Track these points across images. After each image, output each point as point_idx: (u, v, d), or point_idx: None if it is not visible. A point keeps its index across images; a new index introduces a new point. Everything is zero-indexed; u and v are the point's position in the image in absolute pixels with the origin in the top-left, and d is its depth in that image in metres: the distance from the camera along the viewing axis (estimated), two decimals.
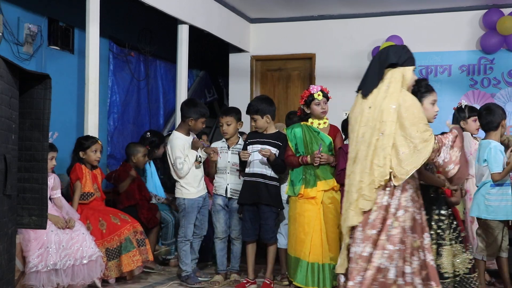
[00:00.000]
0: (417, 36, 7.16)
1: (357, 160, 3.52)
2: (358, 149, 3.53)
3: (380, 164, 3.41)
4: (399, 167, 3.40)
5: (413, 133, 3.39)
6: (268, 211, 4.82)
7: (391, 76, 3.53)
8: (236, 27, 7.55)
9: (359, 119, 3.56)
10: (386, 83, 3.52)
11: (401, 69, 3.54)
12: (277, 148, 4.86)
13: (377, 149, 3.43)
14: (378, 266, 3.36)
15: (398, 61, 3.53)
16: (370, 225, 3.41)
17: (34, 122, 3.30)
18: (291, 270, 4.70)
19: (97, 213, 4.83)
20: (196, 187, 5.00)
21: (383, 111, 3.44)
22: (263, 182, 4.83)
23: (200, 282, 4.98)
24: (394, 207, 3.41)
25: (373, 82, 3.56)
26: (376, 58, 3.65)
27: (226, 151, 5.14)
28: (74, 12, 5.74)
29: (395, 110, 3.43)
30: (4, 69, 2.71)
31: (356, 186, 3.47)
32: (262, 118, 4.88)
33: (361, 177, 3.46)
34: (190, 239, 5.01)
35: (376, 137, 3.45)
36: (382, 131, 3.43)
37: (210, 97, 8.92)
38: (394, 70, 3.53)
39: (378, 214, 3.41)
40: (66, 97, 5.89)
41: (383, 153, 3.41)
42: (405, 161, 3.39)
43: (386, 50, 3.61)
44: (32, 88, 3.08)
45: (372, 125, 3.48)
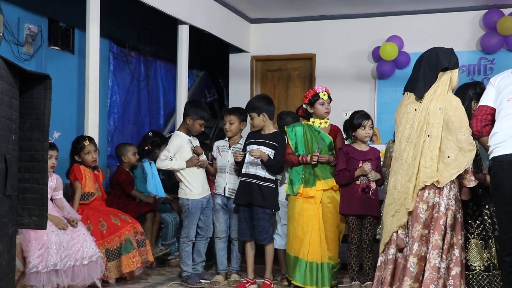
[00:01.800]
0: (417, 36, 7.16)
1: (402, 160, 3.66)
2: (403, 150, 3.67)
3: (426, 165, 3.56)
4: (445, 171, 3.55)
5: (460, 135, 3.53)
6: (261, 213, 4.80)
7: (440, 79, 3.67)
8: (236, 27, 7.55)
9: (404, 120, 3.71)
10: (434, 86, 3.66)
11: (449, 72, 3.67)
12: (272, 148, 4.83)
13: (425, 150, 3.57)
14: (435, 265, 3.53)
15: (449, 65, 3.67)
16: (423, 224, 3.56)
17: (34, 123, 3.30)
18: (290, 269, 4.71)
19: (98, 213, 4.83)
20: (199, 188, 4.99)
21: (429, 113, 3.59)
22: (256, 183, 4.81)
23: (201, 283, 4.97)
24: (444, 207, 3.55)
25: (426, 86, 3.68)
26: (424, 61, 3.76)
27: (227, 150, 5.14)
28: (74, 12, 5.74)
29: (441, 112, 3.57)
30: (5, 69, 2.71)
31: (404, 186, 3.61)
32: (258, 116, 4.87)
33: (409, 178, 3.59)
34: (192, 239, 5.00)
35: (423, 139, 3.59)
36: (429, 133, 3.59)
37: (210, 97, 8.92)
38: (444, 74, 3.67)
39: (429, 213, 3.57)
40: (66, 97, 5.89)
41: (430, 154, 3.56)
42: (450, 165, 3.54)
43: (435, 53, 3.73)
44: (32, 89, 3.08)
45: (419, 127, 3.61)
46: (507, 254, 3.43)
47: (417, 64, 3.83)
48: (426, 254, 3.57)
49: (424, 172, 3.56)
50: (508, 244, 3.41)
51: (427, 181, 3.56)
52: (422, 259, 3.56)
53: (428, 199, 3.59)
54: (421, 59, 3.81)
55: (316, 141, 4.73)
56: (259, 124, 4.90)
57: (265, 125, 4.90)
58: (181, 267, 5.05)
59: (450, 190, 3.59)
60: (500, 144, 3.37)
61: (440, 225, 3.55)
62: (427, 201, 3.59)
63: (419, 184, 3.57)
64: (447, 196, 3.58)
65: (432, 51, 3.78)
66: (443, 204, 3.58)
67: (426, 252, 3.57)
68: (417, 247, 3.57)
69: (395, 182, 3.70)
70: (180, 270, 5.13)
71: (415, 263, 3.56)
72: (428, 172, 3.56)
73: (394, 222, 3.68)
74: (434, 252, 3.54)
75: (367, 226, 4.64)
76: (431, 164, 3.55)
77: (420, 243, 3.57)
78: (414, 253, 3.56)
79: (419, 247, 3.57)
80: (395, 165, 3.74)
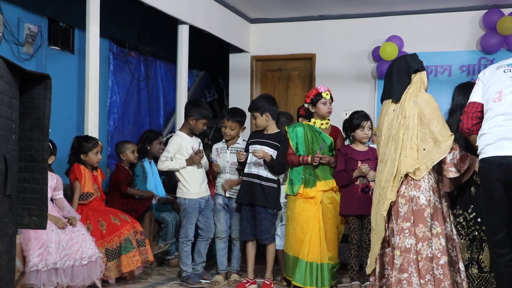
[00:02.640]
0: (417, 36, 7.16)
1: (386, 159, 3.78)
2: (388, 148, 3.80)
3: (406, 154, 3.70)
4: (422, 163, 3.67)
5: (433, 127, 3.68)
6: (263, 212, 4.81)
7: (412, 81, 3.88)
8: (236, 27, 7.54)
9: (385, 122, 3.88)
10: (408, 87, 3.86)
11: (419, 74, 3.91)
12: (274, 149, 4.84)
13: (404, 142, 3.73)
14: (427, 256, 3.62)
15: (418, 67, 3.91)
16: (402, 218, 3.68)
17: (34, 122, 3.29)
18: (290, 270, 4.71)
19: (97, 213, 4.83)
20: (196, 188, 4.99)
21: (405, 108, 3.77)
22: (258, 183, 4.81)
23: (201, 282, 4.97)
24: (425, 199, 3.67)
25: (402, 89, 3.88)
26: (396, 68, 3.96)
27: (225, 151, 5.14)
28: (74, 12, 5.74)
29: (414, 104, 3.75)
30: (4, 69, 2.71)
31: (387, 181, 3.73)
32: (261, 116, 4.87)
33: (391, 170, 3.72)
34: (191, 239, 5.00)
35: (402, 131, 3.74)
36: (406, 125, 3.74)
37: (210, 97, 8.92)
38: (415, 76, 3.89)
39: (408, 207, 3.68)
40: (67, 97, 5.89)
41: (409, 144, 3.72)
42: (426, 157, 3.67)
43: (404, 59, 3.98)
44: (32, 89, 3.07)
45: (397, 123, 3.77)
46: (499, 255, 3.43)
47: (388, 73, 4.04)
48: (411, 246, 3.65)
49: (404, 161, 3.69)
50: (500, 245, 3.41)
51: (409, 169, 3.67)
52: (407, 250, 3.65)
53: (405, 193, 3.71)
54: (392, 67, 4.02)
55: (316, 141, 4.73)
56: (262, 124, 4.90)
57: (268, 125, 4.90)
58: (181, 267, 5.05)
59: (429, 181, 3.70)
60: (489, 145, 3.35)
61: (425, 217, 3.66)
62: (404, 195, 3.71)
63: (401, 172, 3.68)
64: (425, 188, 3.69)
65: (400, 58, 4.04)
66: (423, 197, 3.68)
67: (411, 244, 3.65)
68: (399, 239, 3.68)
69: (380, 181, 3.82)
70: (180, 270, 5.13)
71: (398, 255, 3.68)
72: (408, 161, 3.68)
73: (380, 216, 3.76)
74: (424, 243, 3.64)
75: (367, 226, 4.63)
76: (411, 153, 3.69)
77: (401, 236, 3.68)
78: (396, 246, 3.69)
79: (400, 239, 3.68)
80: (380, 166, 3.87)
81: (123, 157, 5.67)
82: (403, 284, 3.62)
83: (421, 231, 3.66)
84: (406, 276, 3.62)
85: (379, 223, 3.78)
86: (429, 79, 7.03)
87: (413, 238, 3.65)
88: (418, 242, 3.65)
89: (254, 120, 4.95)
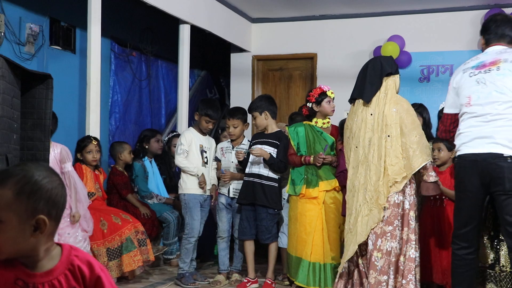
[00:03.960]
0: (419, 36, 7.16)
1: (368, 162, 3.90)
2: (368, 153, 3.91)
3: (392, 163, 3.82)
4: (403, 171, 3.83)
5: (412, 137, 3.82)
6: (264, 212, 4.81)
7: (386, 84, 3.96)
8: (238, 27, 7.55)
9: (363, 126, 3.94)
10: (383, 90, 3.94)
11: (393, 77, 3.95)
12: (275, 147, 4.85)
13: (387, 150, 3.84)
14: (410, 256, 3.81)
15: (392, 70, 3.98)
16: (385, 221, 3.82)
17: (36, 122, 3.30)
18: (292, 270, 4.70)
19: (98, 213, 4.83)
20: (196, 184, 4.99)
21: (386, 115, 3.85)
22: (259, 182, 4.82)
23: (195, 283, 4.96)
24: (408, 204, 3.85)
25: (373, 91, 3.96)
26: (370, 69, 4.04)
27: (231, 151, 5.15)
28: (76, 12, 5.74)
29: (396, 112, 3.84)
30: (6, 69, 2.72)
31: (374, 185, 3.85)
32: (260, 115, 4.89)
33: (378, 177, 3.83)
34: (194, 236, 4.97)
35: (384, 139, 3.85)
36: (388, 133, 3.84)
37: (212, 97, 8.92)
38: (388, 79, 3.97)
39: (391, 211, 3.82)
40: (68, 97, 5.89)
41: (394, 153, 3.83)
42: (405, 166, 3.81)
43: (379, 61, 4.04)
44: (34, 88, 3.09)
45: (379, 129, 3.86)
46: (458, 248, 3.64)
47: (361, 73, 4.10)
48: (392, 249, 3.82)
49: (391, 169, 3.82)
50: (462, 238, 3.61)
51: (396, 177, 3.82)
52: (388, 253, 3.82)
53: (389, 198, 3.84)
54: (366, 68, 4.08)
55: (318, 141, 4.73)
56: (262, 123, 4.91)
57: (268, 124, 4.91)
58: (179, 264, 5.04)
59: (411, 187, 3.88)
60: (464, 144, 3.53)
61: (408, 220, 3.84)
62: (389, 200, 3.84)
63: (390, 181, 3.82)
64: (409, 194, 3.87)
65: (376, 60, 4.10)
66: (407, 201, 3.86)
67: (391, 247, 3.82)
68: (380, 242, 3.83)
69: (365, 184, 3.92)
70: (175, 270, 5.12)
71: (379, 257, 3.83)
72: (395, 169, 3.82)
73: (370, 220, 3.88)
74: (407, 245, 3.83)
75: None
76: (397, 162, 3.83)
77: (382, 239, 3.83)
78: (377, 248, 3.83)
79: (382, 242, 3.83)
80: (361, 168, 3.95)
81: (121, 157, 5.67)
82: (383, 285, 3.79)
83: (405, 234, 3.85)
84: (386, 279, 3.80)
85: (363, 226, 3.88)
86: (431, 78, 7.10)
87: (394, 242, 3.82)
88: (404, 244, 3.83)
89: (254, 120, 4.96)
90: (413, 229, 3.85)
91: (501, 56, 3.52)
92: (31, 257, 1.48)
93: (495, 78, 3.45)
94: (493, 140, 3.39)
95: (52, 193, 1.47)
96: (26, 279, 1.46)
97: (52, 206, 1.47)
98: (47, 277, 1.49)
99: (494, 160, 3.37)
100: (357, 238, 3.88)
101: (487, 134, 3.42)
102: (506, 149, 3.36)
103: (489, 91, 3.46)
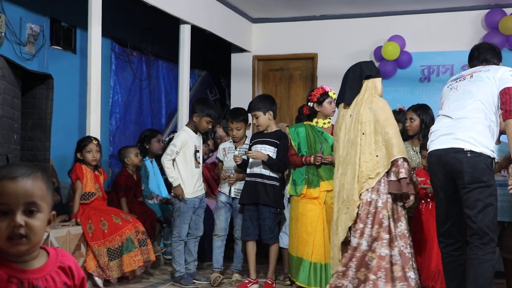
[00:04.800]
0: (419, 36, 7.16)
1: (347, 162, 4.04)
2: (348, 152, 4.06)
3: (366, 160, 3.96)
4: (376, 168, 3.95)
5: (385, 134, 3.94)
6: (267, 212, 4.82)
7: (366, 86, 4.13)
8: (238, 27, 7.55)
9: (343, 127, 4.13)
10: (362, 92, 4.12)
11: (373, 80, 4.14)
12: (274, 146, 4.86)
13: (362, 147, 3.98)
14: (380, 255, 3.88)
15: (371, 73, 4.16)
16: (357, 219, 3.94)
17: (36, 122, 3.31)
18: (293, 270, 4.70)
19: (99, 213, 4.83)
20: (191, 187, 4.99)
21: (361, 114, 4.01)
22: (261, 182, 4.83)
23: (194, 283, 4.96)
24: (381, 202, 3.94)
25: (353, 93, 4.14)
26: (350, 73, 4.26)
27: (233, 151, 5.16)
28: (76, 12, 5.75)
29: (370, 110, 4.00)
30: (7, 69, 2.72)
31: (350, 183, 3.99)
32: (264, 115, 4.89)
33: (354, 175, 3.97)
34: (184, 239, 5.01)
35: (359, 137, 4.00)
36: (363, 131, 3.99)
37: (212, 97, 8.93)
38: (368, 81, 4.14)
39: (364, 209, 3.94)
40: (68, 97, 5.89)
41: (368, 149, 3.97)
42: (379, 163, 3.94)
43: (359, 66, 4.24)
44: (35, 88, 3.09)
45: (355, 128, 4.02)
46: (444, 245, 3.74)
47: (344, 78, 4.31)
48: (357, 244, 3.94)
49: (365, 166, 3.95)
50: (446, 235, 3.71)
51: (370, 173, 3.93)
52: (352, 248, 3.94)
53: (362, 197, 3.95)
54: (347, 73, 4.30)
55: (319, 141, 4.73)
56: (265, 123, 4.91)
57: (269, 124, 4.92)
58: (174, 267, 5.05)
59: (384, 185, 3.95)
60: (432, 141, 3.74)
61: (380, 218, 3.92)
62: (361, 198, 3.95)
63: (363, 177, 3.94)
64: (381, 192, 3.95)
65: (356, 65, 4.29)
66: (380, 199, 3.94)
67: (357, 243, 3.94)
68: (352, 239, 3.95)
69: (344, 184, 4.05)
70: (172, 270, 5.12)
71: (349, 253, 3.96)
72: (369, 166, 3.94)
73: (348, 218, 3.98)
74: (378, 243, 3.90)
75: None
76: (371, 158, 3.95)
77: (354, 236, 3.95)
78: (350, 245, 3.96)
79: (354, 239, 3.95)
80: (341, 168, 4.10)
81: (127, 161, 5.67)
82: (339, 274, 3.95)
83: (376, 232, 3.92)
84: (343, 269, 3.95)
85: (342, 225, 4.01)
86: (431, 79, 7.10)
87: (361, 238, 3.93)
88: (374, 241, 3.91)
89: (255, 120, 4.94)
90: (386, 227, 3.90)
91: (477, 69, 3.81)
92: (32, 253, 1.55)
93: (465, 84, 3.72)
94: (456, 136, 3.58)
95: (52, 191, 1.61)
96: (20, 276, 1.52)
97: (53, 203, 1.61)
98: (40, 273, 1.55)
99: (454, 155, 3.54)
100: (339, 237, 4.04)
101: (451, 131, 3.61)
102: (467, 144, 3.52)
103: (458, 94, 3.72)
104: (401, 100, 6.53)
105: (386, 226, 3.91)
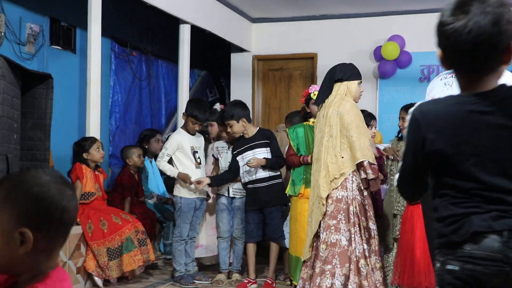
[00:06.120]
0: (419, 36, 7.15)
1: (319, 160, 4.16)
2: (319, 151, 4.19)
3: (332, 161, 4.09)
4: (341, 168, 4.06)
5: (349, 137, 4.04)
6: (275, 211, 4.88)
7: (338, 89, 4.17)
8: (238, 26, 7.55)
9: (318, 126, 4.26)
10: (333, 94, 4.18)
11: (346, 83, 4.16)
12: (265, 146, 4.88)
13: (329, 149, 4.10)
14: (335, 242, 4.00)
15: (343, 77, 4.17)
16: (328, 216, 4.04)
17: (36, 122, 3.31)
18: (292, 270, 4.71)
19: (99, 212, 4.83)
20: (193, 188, 4.98)
21: (329, 117, 4.11)
22: (262, 186, 4.86)
23: (194, 283, 4.96)
24: (350, 198, 4.04)
25: (325, 95, 4.22)
26: (326, 75, 4.30)
27: (227, 151, 5.15)
28: (76, 12, 5.74)
29: (337, 114, 4.09)
30: (7, 69, 2.72)
31: (320, 181, 4.10)
32: (238, 123, 4.88)
33: (323, 173, 4.10)
34: (185, 239, 5.01)
35: (326, 139, 4.12)
36: (330, 134, 4.11)
37: (212, 97, 8.92)
38: (340, 84, 4.17)
39: (335, 206, 4.05)
40: (68, 97, 5.89)
41: (333, 151, 4.09)
42: (344, 164, 4.05)
43: (335, 68, 4.27)
44: (34, 88, 3.09)
45: (325, 130, 4.13)
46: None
47: (324, 79, 4.36)
48: (336, 241, 4.01)
49: (332, 167, 4.07)
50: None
51: (336, 174, 4.06)
52: (332, 245, 4.00)
53: (331, 194, 4.06)
54: (326, 74, 4.34)
55: None
56: (239, 130, 4.91)
57: (246, 129, 4.91)
58: (174, 267, 5.05)
59: (353, 182, 4.06)
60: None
61: (348, 214, 4.03)
62: (331, 196, 4.06)
63: (330, 177, 4.06)
64: (350, 189, 4.05)
65: (335, 66, 4.31)
66: (348, 196, 4.05)
67: (336, 239, 4.01)
68: (325, 235, 4.04)
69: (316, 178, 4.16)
70: (172, 270, 5.12)
71: (324, 248, 4.04)
72: (335, 167, 4.07)
73: (318, 213, 4.10)
74: (342, 237, 4.01)
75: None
76: (336, 160, 4.08)
77: (327, 232, 4.03)
78: (322, 240, 4.05)
79: (326, 235, 4.03)
80: (315, 165, 4.22)
81: (129, 162, 5.67)
82: (326, 274, 3.96)
83: (342, 228, 4.04)
84: (330, 268, 3.96)
85: (315, 218, 4.12)
86: (431, 78, 7.08)
87: (338, 234, 4.02)
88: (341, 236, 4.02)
89: (229, 128, 4.92)
90: (352, 222, 4.03)
91: None
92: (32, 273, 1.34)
93: None
94: None
95: (44, 205, 1.30)
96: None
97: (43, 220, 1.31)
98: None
99: None
100: (312, 229, 4.14)
101: None
102: None
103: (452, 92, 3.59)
104: (400, 100, 6.53)
105: (352, 221, 4.02)
